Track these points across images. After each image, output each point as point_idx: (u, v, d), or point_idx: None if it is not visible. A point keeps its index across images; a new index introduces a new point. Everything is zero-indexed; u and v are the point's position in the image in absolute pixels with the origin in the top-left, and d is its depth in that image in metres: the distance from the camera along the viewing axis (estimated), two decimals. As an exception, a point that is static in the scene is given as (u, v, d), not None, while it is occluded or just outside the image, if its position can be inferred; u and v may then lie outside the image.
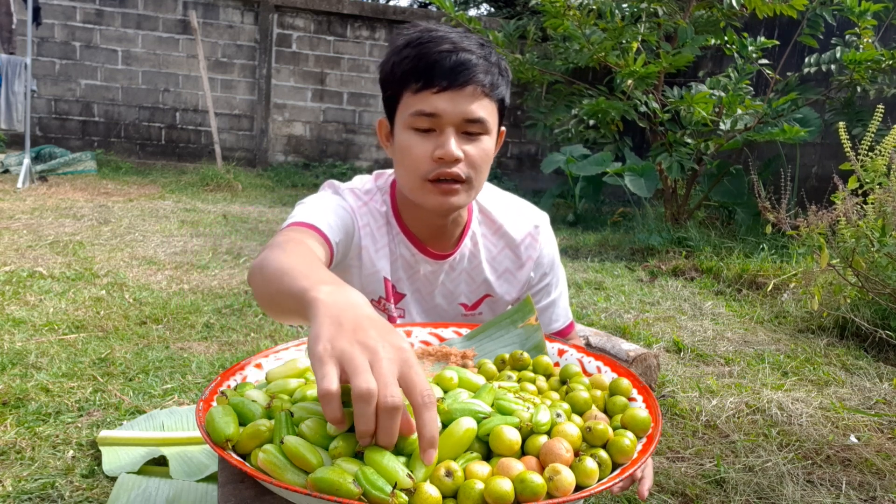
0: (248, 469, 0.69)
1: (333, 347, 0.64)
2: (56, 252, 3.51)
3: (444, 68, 1.03)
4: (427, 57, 1.04)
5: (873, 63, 3.98)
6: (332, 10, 7.65)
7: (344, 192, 1.20)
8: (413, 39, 1.07)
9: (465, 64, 1.04)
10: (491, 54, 1.09)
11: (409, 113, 1.07)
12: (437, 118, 1.05)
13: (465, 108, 1.05)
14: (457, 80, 1.04)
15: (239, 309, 2.85)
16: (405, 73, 1.06)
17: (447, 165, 1.06)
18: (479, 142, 1.08)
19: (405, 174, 1.11)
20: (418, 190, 1.10)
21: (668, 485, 1.66)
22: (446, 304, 1.27)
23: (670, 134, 4.60)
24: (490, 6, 11.43)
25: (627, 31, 4.40)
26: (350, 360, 0.63)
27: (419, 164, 1.07)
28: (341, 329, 0.66)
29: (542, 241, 1.29)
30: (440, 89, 1.04)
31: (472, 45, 1.07)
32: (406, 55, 1.06)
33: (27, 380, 1.99)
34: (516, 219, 1.29)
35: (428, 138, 1.07)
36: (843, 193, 2.37)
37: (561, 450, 0.71)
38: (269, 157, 7.85)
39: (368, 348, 0.64)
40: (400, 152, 1.10)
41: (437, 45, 1.05)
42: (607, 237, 5.06)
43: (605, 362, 1.00)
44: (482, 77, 1.05)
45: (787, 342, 2.87)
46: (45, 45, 7.12)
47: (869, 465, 1.81)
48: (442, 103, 1.04)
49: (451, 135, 1.06)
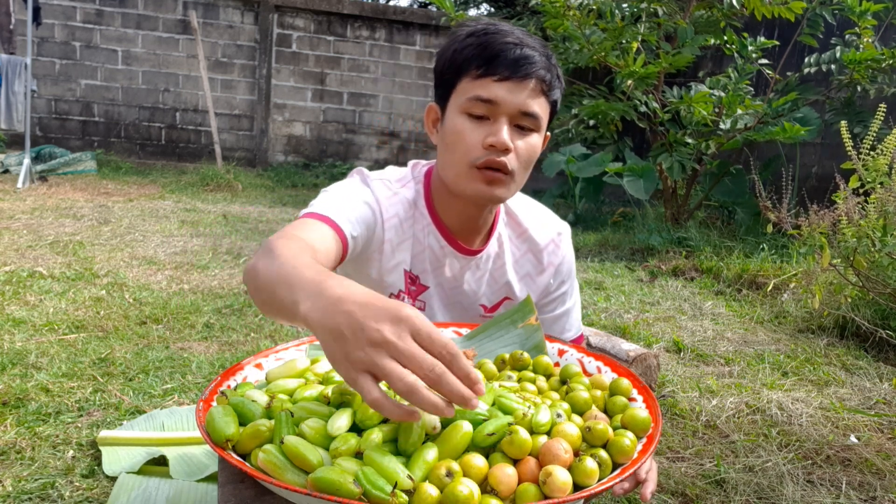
0: (248, 469, 0.69)
1: (353, 363, 0.65)
2: (56, 252, 3.51)
3: (508, 59, 1.05)
4: (492, 46, 1.06)
5: (873, 63, 3.98)
6: (332, 10, 7.65)
7: (373, 183, 1.17)
8: (479, 30, 1.09)
9: (528, 58, 1.06)
10: (551, 56, 1.11)
11: (466, 97, 1.07)
12: (493, 106, 1.06)
13: (522, 101, 1.06)
14: (518, 71, 1.05)
15: (239, 309, 2.84)
16: (468, 59, 1.07)
17: (496, 154, 1.06)
18: (529, 137, 1.09)
19: (451, 158, 1.10)
20: (463, 176, 1.09)
21: (668, 485, 1.66)
22: (467, 303, 1.27)
23: (670, 134, 4.60)
24: (490, 6, 11.43)
25: (627, 31, 4.39)
26: (374, 368, 0.64)
27: (470, 149, 1.07)
28: (345, 341, 0.65)
29: (564, 249, 1.30)
30: (501, 78, 1.05)
31: (536, 43, 1.09)
32: (470, 43, 1.08)
33: (27, 380, 1.99)
34: (541, 224, 1.29)
35: (481, 125, 1.07)
36: (844, 193, 2.37)
37: (560, 450, 0.71)
38: (269, 157, 7.85)
39: (378, 343, 0.64)
40: (450, 136, 1.09)
41: (503, 38, 1.07)
42: (607, 237, 5.06)
43: (605, 362, 1.00)
44: (543, 73, 1.07)
45: (787, 342, 2.87)
46: (45, 45, 7.12)
47: (869, 465, 1.81)
48: (501, 92, 1.05)
49: (504, 124, 1.06)
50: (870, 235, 2.29)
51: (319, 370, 0.91)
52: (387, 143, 8.13)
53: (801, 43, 4.41)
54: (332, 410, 0.78)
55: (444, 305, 1.26)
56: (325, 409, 0.78)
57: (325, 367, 0.92)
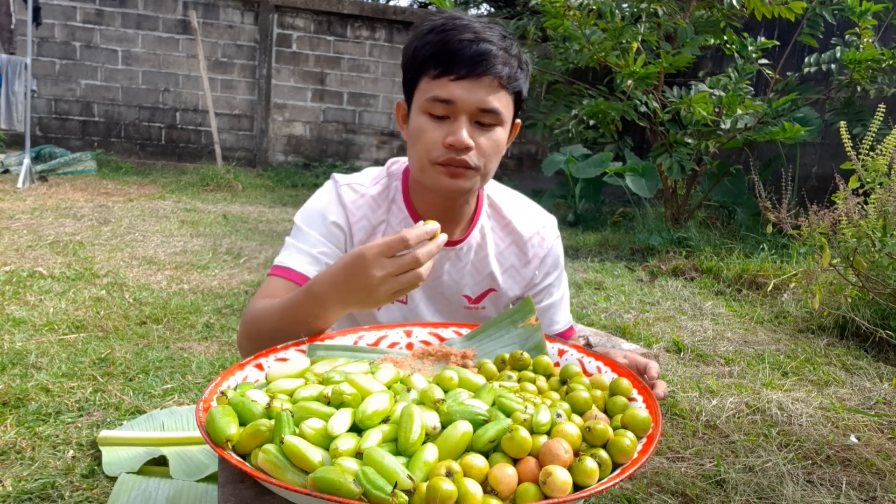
0: (248, 469, 0.69)
1: (372, 292, 0.93)
2: (56, 252, 3.51)
3: (464, 56, 1.05)
4: (449, 44, 1.06)
5: (873, 63, 3.98)
6: (332, 10, 7.65)
7: (341, 189, 1.22)
8: (437, 26, 1.09)
9: (484, 54, 1.05)
10: (512, 46, 1.10)
11: (425, 98, 1.08)
12: (452, 105, 1.07)
13: (480, 98, 1.06)
14: (475, 69, 1.05)
15: (239, 309, 2.84)
16: (426, 58, 1.08)
17: (457, 153, 1.08)
18: (491, 132, 1.10)
19: (416, 156, 1.13)
20: (427, 172, 1.12)
21: (668, 485, 1.66)
22: (449, 293, 1.28)
23: (671, 134, 4.59)
24: (490, 6, 11.43)
25: (627, 31, 4.39)
26: (394, 289, 0.92)
27: (430, 148, 1.09)
28: (349, 294, 0.95)
29: (549, 241, 1.30)
30: (458, 77, 1.06)
31: (494, 36, 1.09)
32: (429, 40, 1.08)
33: (27, 380, 1.99)
34: (526, 217, 1.30)
35: (442, 124, 1.08)
36: (844, 193, 2.37)
37: (560, 450, 0.71)
38: (269, 157, 7.85)
39: (367, 287, 0.93)
40: (413, 135, 1.12)
41: (460, 34, 1.06)
42: (607, 237, 5.06)
43: (606, 362, 1.00)
44: (500, 68, 1.07)
45: (787, 342, 2.87)
46: (45, 45, 7.12)
47: (869, 465, 1.81)
48: (458, 91, 1.06)
49: (463, 123, 1.07)
50: (870, 235, 2.29)
51: (319, 370, 0.91)
52: (387, 142, 8.13)
53: (801, 43, 4.41)
54: (332, 410, 0.78)
55: (428, 298, 1.27)
56: (325, 409, 0.78)
57: (324, 367, 0.92)
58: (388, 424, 0.76)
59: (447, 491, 0.64)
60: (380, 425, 0.75)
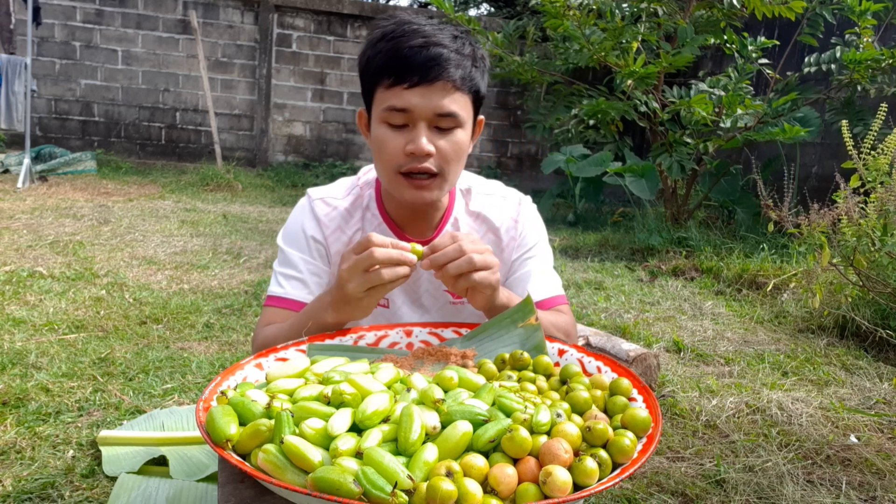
0: (248, 469, 0.69)
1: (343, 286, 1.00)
2: (56, 252, 3.51)
3: (416, 63, 1.05)
4: (399, 52, 1.05)
5: (873, 62, 3.97)
6: (332, 9, 7.65)
7: (315, 204, 1.26)
8: (388, 32, 1.08)
9: (435, 59, 1.05)
10: (464, 46, 1.09)
11: (382, 108, 1.09)
12: (408, 113, 1.07)
13: (436, 104, 1.06)
14: (428, 75, 1.05)
15: (239, 309, 2.84)
16: (378, 67, 1.08)
17: (418, 160, 1.08)
18: (451, 135, 1.10)
19: (380, 167, 1.15)
20: (392, 182, 1.13)
21: (668, 485, 1.66)
22: (433, 291, 1.28)
23: (670, 134, 4.59)
24: (490, 6, 11.43)
25: (627, 31, 4.39)
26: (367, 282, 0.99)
27: (392, 157, 1.10)
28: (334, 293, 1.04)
29: (523, 222, 1.29)
30: (411, 85, 1.05)
31: (445, 38, 1.08)
32: (379, 49, 1.08)
33: (27, 380, 1.99)
34: (497, 203, 1.30)
35: (401, 133, 1.09)
36: (844, 192, 2.37)
37: (560, 450, 0.71)
38: (269, 157, 7.85)
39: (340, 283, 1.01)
40: (375, 145, 1.13)
41: (409, 40, 1.06)
42: (607, 237, 5.06)
43: (606, 362, 1.00)
44: (453, 71, 1.06)
45: (787, 342, 2.87)
46: (45, 45, 7.12)
47: (869, 465, 1.81)
48: (413, 99, 1.06)
49: (422, 130, 1.07)
50: (870, 235, 2.29)
51: (319, 370, 0.91)
52: (387, 142, 8.13)
53: (801, 43, 4.41)
54: (332, 410, 0.78)
55: (412, 299, 1.28)
56: (325, 409, 0.78)
57: (325, 367, 0.92)
58: (388, 424, 0.76)
59: (447, 491, 0.64)
60: (380, 425, 0.75)
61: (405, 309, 1.27)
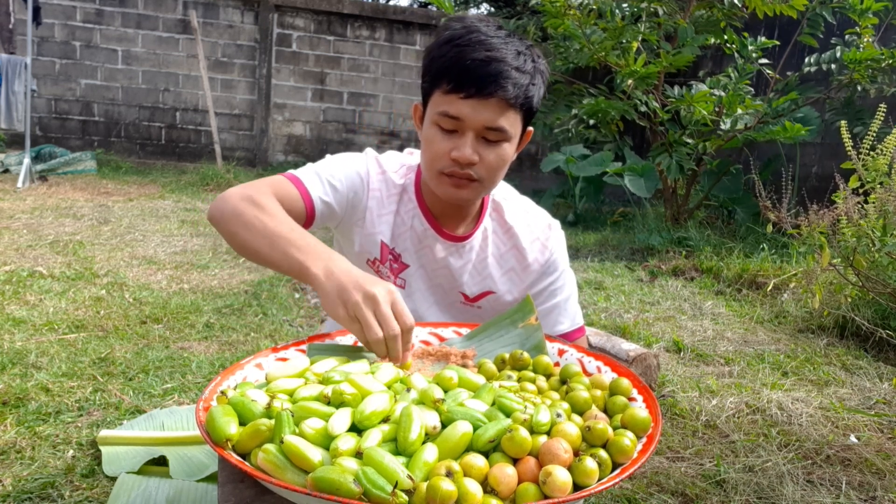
0: (248, 469, 0.69)
1: (347, 304, 0.91)
2: (56, 252, 3.51)
3: (475, 76, 1.07)
4: (461, 61, 1.07)
5: (873, 62, 3.97)
6: (332, 9, 7.65)
7: (370, 160, 1.28)
8: (455, 37, 1.10)
9: (494, 76, 1.07)
10: (526, 62, 1.11)
11: (437, 111, 1.12)
12: (459, 122, 1.10)
13: (486, 118, 1.09)
14: (484, 90, 1.07)
15: (239, 309, 2.85)
16: (439, 71, 1.10)
17: (461, 166, 1.12)
18: (497, 147, 1.13)
19: (425, 162, 1.18)
20: (433, 179, 1.17)
21: (668, 485, 1.66)
22: (448, 286, 1.30)
23: (670, 134, 4.59)
24: (490, 6, 11.43)
25: (627, 30, 4.39)
26: (359, 313, 0.90)
27: (437, 159, 1.13)
28: (346, 291, 0.91)
29: (552, 247, 1.31)
30: (467, 96, 1.08)
31: (509, 54, 1.09)
32: (444, 53, 1.10)
33: (27, 379, 1.99)
34: (528, 221, 1.32)
35: (449, 137, 1.12)
36: (844, 192, 2.37)
37: (560, 450, 0.71)
38: (269, 157, 7.85)
39: (370, 297, 0.91)
40: (424, 142, 1.17)
41: (473, 51, 1.07)
42: (607, 237, 5.06)
43: (606, 362, 1.00)
44: (511, 90, 1.08)
45: (787, 342, 2.87)
46: (45, 45, 7.12)
47: (869, 465, 1.81)
48: (466, 109, 1.08)
49: (469, 139, 1.10)
50: (869, 235, 2.29)
51: (319, 370, 0.91)
52: (387, 142, 8.13)
53: (801, 43, 4.40)
54: (332, 410, 0.78)
55: (427, 287, 1.30)
56: (325, 409, 0.78)
57: (324, 367, 0.92)
58: (388, 424, 0.76)
59: (447, 491, 0.64)
60: (380, 425, 0.75)
61: (419, 294, 1.30)
